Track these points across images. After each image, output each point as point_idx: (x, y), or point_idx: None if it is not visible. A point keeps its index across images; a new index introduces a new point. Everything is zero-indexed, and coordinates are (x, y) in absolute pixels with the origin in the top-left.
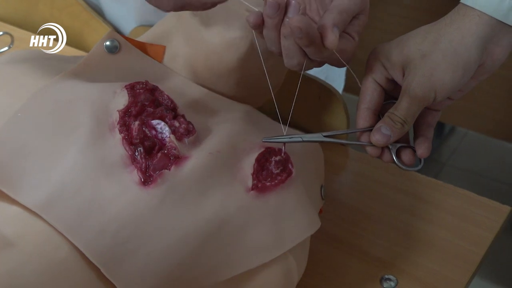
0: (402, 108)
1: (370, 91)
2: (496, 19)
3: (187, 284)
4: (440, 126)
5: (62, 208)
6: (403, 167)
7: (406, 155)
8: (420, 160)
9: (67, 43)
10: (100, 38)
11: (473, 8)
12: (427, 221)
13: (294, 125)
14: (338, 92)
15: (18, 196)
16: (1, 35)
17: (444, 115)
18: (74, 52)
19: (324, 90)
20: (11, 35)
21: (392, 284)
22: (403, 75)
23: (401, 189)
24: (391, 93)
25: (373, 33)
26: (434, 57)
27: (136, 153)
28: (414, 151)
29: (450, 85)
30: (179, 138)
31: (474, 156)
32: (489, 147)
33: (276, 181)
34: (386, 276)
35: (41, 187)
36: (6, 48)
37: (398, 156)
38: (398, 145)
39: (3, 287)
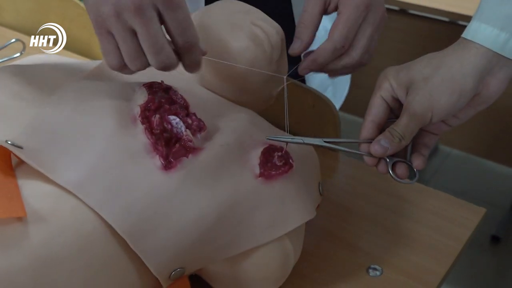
0: (402, 125)
1: (377, 106)
2: (493, 52)
3: (204, 257)
4: None
5: (94, 187)
6: (397, 178)
7: (401, 169)
8: (415, 174)
9: (76, 52)
10: None
11: (473, 41)
12: (410, 219)
13: (290, 129)
14: (331, 101)
15: (54, 176)
16: (13, 42)
17: None
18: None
19: (318, 99)
20: (23, 42)
21: (378, 273)
22: (406, 96)
23: (387, 190)
24: (395, 111)
25: None
26: (434, 80)
27: (157, 142)
28: (409, 166)
29: (446, 107)
30: (192, 133)
31: (456, 176)
32: (471, 167)
33: (280, 171)
34: (372, 266)
35: (74, 168)
36: (18, 54)
37: (393, 169)
38: (395, 159)
39: (36, 256)
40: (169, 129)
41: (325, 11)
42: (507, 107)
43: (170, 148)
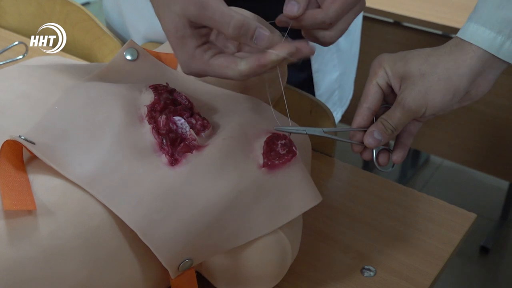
0: (395, 117)
1: (372, 92)
2: (489, 54)
3: (210, 248)
4: (415, 156)
5: (104, 182)
6: (378, 167)
7: (382, 157)
8: (393, 164)
9: (78, 56)
10: (109, 52)
11: (470, 43)
12: (402, 223)
13: None
14: (328, 108)
15: (65, 171)
16: (16, 44)
17: (422, 144)
18: None
19: (315, 105)
20: (25, 45)
21: (372, 273)
22: (400, 86)
23: (380, 195)
24: (386, 97)
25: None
26: (430, 78)
27: (163, 141)
28: (390, 153)
29: (439, 105)
30: (197, 133)
31: (447, 187)
32: (461, 178)
33: (283, 160)
34: (367, 267)
35: (85, 164)
36: (21, 57)
37: (376, 156)
38: (381, 147)
39: (45, 247)
40: (174, 129)
41: None
42: (498, 118)
43: (176, 147)
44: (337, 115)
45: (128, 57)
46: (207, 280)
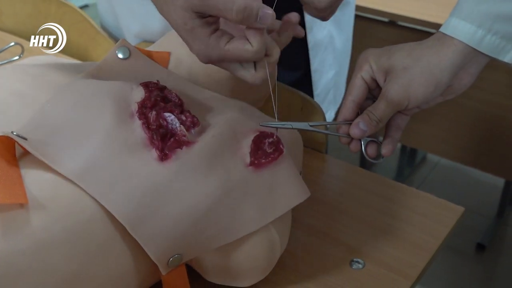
0: (379, 109)
1: (357, 86)
2: (470, 48)
3: (199, 244)
4: (412, 155)
5: (94, 177)
6: (367, 157)
7: (371, 149)
8: (382, 155)
9: (74, 57)
10: (104, 52)
11: (452, 37)
12: (392, 217)
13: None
14: (318, 104)
15: (56, 166)
16: (12, 45)
17: (419, 143)
18: None
19: (306, 102)
20: (21, 46)
21: (360, 266)
22: (384, 79)
23: (370, 190)
24: (372, 91)
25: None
26: (413, 71)
27: (154, 136)
28: (379, 145)
29: (421, 97)
30: (186, 129)
31: (444, 185)
32: (458, 176)
33: (269, 158)
34: (355, 259)
35: (76, 159)
36: (17, 58)
37: (365, 148)
38: (369, 139)
39: (36, 240)
40: (164, 125)
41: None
42: (494, 116)
43: (165, 142)
44: (331, 114)
45: (120, 56)
46: (198, 275)
